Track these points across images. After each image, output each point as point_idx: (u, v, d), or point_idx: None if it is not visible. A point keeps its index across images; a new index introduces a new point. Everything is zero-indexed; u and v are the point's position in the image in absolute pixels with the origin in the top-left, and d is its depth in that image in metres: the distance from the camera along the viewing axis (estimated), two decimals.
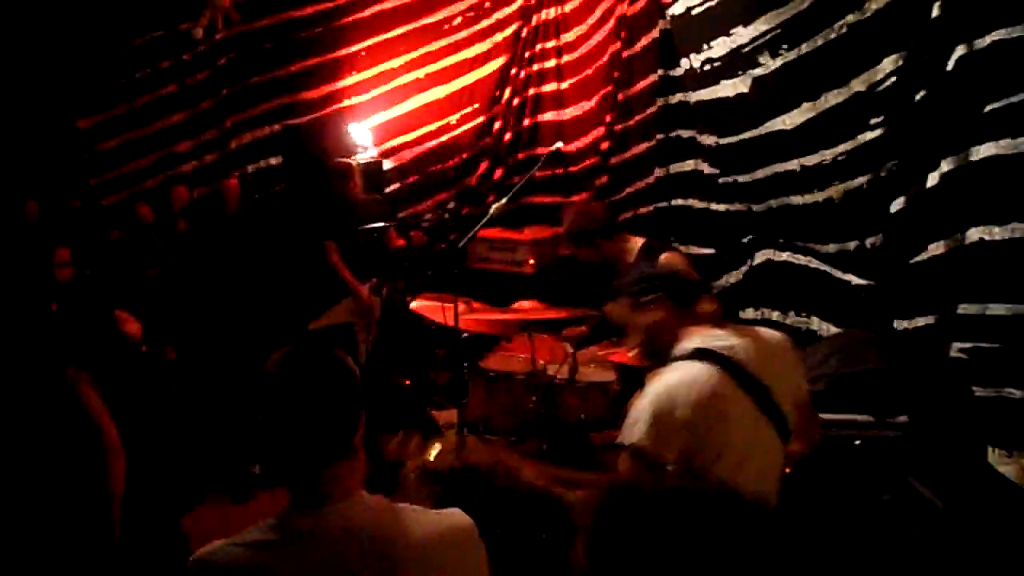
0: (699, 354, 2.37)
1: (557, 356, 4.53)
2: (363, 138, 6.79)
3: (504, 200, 4.03)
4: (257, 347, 1.96)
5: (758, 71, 4.20)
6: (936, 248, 3.46)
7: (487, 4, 6.88)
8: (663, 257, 4.09)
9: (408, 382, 5.93)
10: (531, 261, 6.16)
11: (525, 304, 4.54)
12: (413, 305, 4.56)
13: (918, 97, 3.45)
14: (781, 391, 2.37)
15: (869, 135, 3.74)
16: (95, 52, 7.09)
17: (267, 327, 5.45)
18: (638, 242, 4.19)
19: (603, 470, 3.40)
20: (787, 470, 2.56)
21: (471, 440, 4.12)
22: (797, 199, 4.26)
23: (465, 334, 4.23)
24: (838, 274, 4.15)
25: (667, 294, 2.52)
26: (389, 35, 7.02)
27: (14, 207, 6.24)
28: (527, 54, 6.78)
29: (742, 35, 4.21)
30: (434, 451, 3.64)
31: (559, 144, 4.47)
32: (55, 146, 7.09)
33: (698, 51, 4.66)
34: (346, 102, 7.11)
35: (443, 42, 6.96)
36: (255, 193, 7.11)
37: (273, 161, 7.20)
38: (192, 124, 7.29)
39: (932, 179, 3.43)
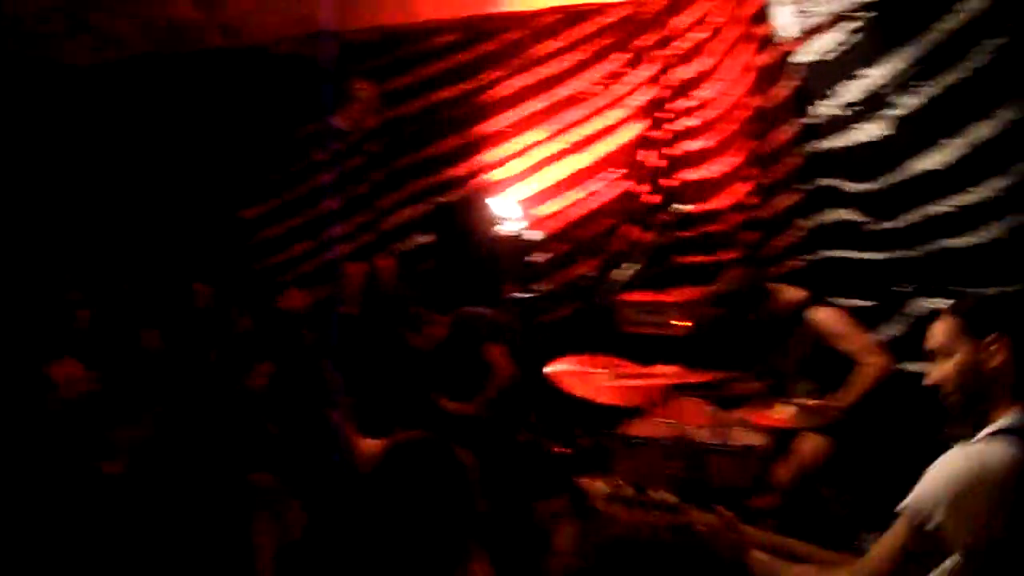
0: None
1: (703, 420, 4.39)
2: (509, 210, 6.90)
3: (639, 265, 3.98)
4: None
5: (898, 111, 4.00)
6: None
7: (622, 69, 6.92)
8: (814, 313, 3.92)
9: (568, 450, 5.89)
10: (679, 323, 6.03)
11: (667, 369, 4.43)
12: (551, 371, 4.52)
13: None
14: None
15: None
16: (256, 147, 7.65)
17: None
18: (798, 294, 4.03)
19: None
20: None
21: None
22: (954, 242, 3.99)
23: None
24: None
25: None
26: (528, 109, 7.16)
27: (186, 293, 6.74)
28: (665, 115, 6.73)
29: (878, 76, 4.04)
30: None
31: (677, 207, 4.40)
32: (223, 236, 7.66)
33: (834, 96, 4.50)
34: (490, 176, 7.27)
35: (580, 112, 7.03)
36: (409, 270, 7.34)
37: (423, 239, 7.43)
38: (346, 208, 7.65)
39: None
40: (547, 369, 4.54)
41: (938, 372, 2.08)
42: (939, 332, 2.10)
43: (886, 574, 1.94)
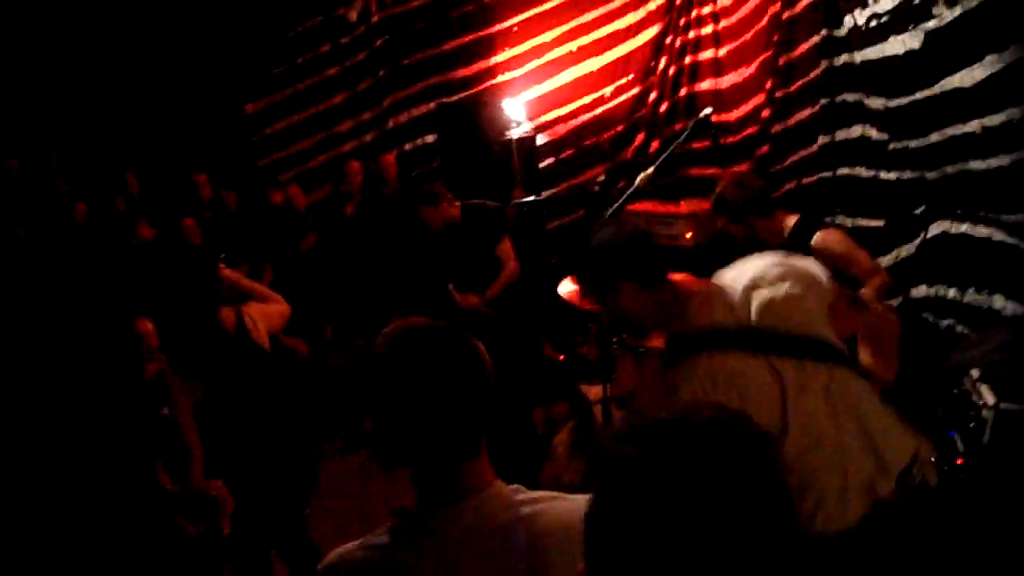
0: None
1: None
2: (517, 113, 6.78)
3: (651, 170, 3.88)
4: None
5: (931, 23, 3.85)
6: None
7: None
8: (818, 237, 3.87)
9: (562, 357, 5.92)
10: (688, 235, 5.98)
11: (676, 278, 4.39)
12: (562, 290, 4.49)
13: None
14: None
15: None
16: (259, 41, 7.46)
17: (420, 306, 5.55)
18: (791, 220, 3.97)
19: None
20: None
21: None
22: (978, 164, 3.89)
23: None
24: None
25: None
26: (541, 8, 6.97)
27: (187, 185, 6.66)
28: (682, 21, 6.53)
29: None
30: None
31: (708, 110, 4.25)
32: (226, 130, 7.52)
33: (863, 6, 4.33)
34: (500, 78, 7.12)
35: (595, 13, 6.83)
36: (412, 170, 7.25)
37: (429, 138, 7.32)
38: (351, 105, 7.54)
39: None
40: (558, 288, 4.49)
41: None
42: None
43: None
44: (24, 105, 7.30)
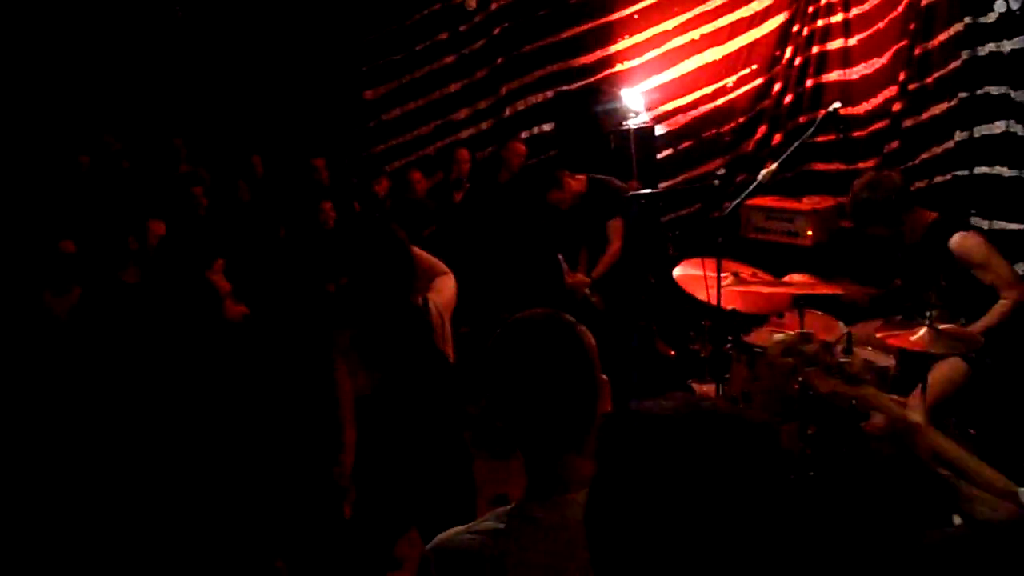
0: None
1: (830, 335, 4.22)
2: (636, 103, 6.68)
3: (775, 165, 3.76)
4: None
5: None
6: None
7: None
8: (956, 239, 3.68)
9: (673, 353, 5.82)
10: (809, 232, 5.77)
11: (797, 278, 4.25)
12: (677, 274, 4.42)
13: None
14: None
15: None
16: (379, 28, 7.58)
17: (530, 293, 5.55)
18: (929, 217, 3.78)
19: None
20: None
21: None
22: None
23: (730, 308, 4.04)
24: None
25: None
26: None
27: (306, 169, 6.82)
28: (810, 8, 6.26)
29: None
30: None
31: (837, 104, 4.07)
32: (345, 116, 7.67)
33: None
34: (619, 67, 7.02)
35: (719, 1, 6.64)
36: (530, 159, 7.24)
37: (546, 127, 7.30)
38: (469, 92, 7.58)
39: None
40: (674, 272, 4.41)
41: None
42: None
43: None
44: (150, 90, 7.63)
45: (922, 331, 3.47)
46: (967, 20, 4.78)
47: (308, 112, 7.69)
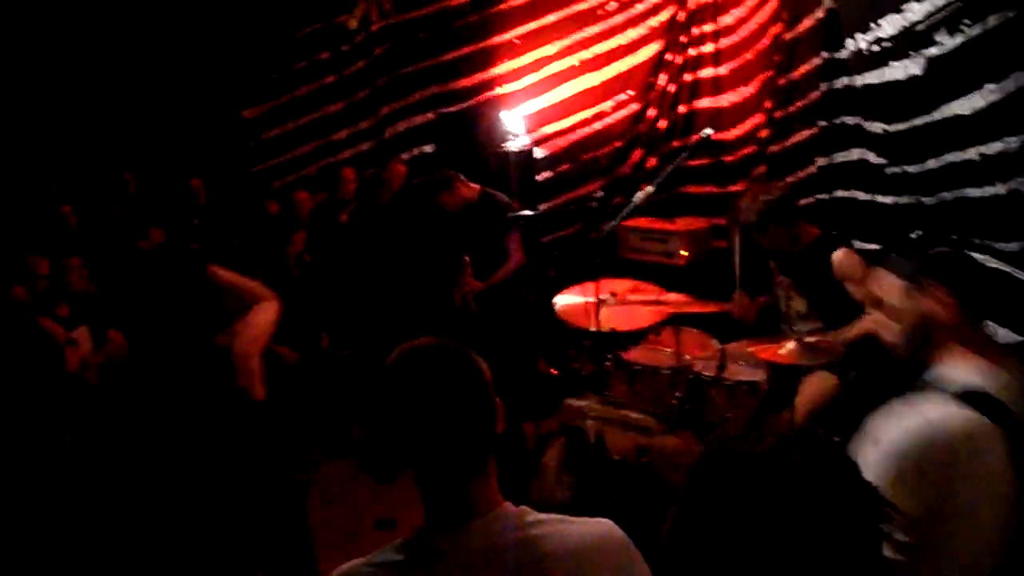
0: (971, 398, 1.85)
1: (705, 351, 4.38)
2: (516, 126, 6.78)
3: (651, 187, 3.89)
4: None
5: (933, 51, 3.88)
6: None
7: None
8: (840, 253, 3.86)
9: (555, 372, 5.91)
10: (683, 252, 5.98)
11: (672, 297, 4.39)
12: (558, 308, 4.47)
13: None
14: None
15: None
16: (259, 46, 7.46)
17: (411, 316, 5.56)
18: (813, 232, 3.97)
19: None
20: None
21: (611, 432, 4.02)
22: (974, 191, 3.92)
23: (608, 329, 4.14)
24: (1021, 275, 3.79)
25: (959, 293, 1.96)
26: (543, 22, 6.96)
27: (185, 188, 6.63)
28: (683, 39, 6.54)
29: (916, 11, 3.90)
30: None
31: (708, 131, 4.26)
32: (223, 135, 7.50)
33: (866, 31, 4.36)
34: (499, 90, 7.12)
35: (597, 28, 6.84)
36: (411, 179, 7.24)
37: (427, 148, 7.32)
38: (349, 113, 7.53)
39: None
40: (554, 304, 4.48)
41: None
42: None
43: None
44: (19, 107, 7.26)
45: (791, 344, 3.66)
46: (824, 55, 5.07)
47: (185, 129, 7.46)
